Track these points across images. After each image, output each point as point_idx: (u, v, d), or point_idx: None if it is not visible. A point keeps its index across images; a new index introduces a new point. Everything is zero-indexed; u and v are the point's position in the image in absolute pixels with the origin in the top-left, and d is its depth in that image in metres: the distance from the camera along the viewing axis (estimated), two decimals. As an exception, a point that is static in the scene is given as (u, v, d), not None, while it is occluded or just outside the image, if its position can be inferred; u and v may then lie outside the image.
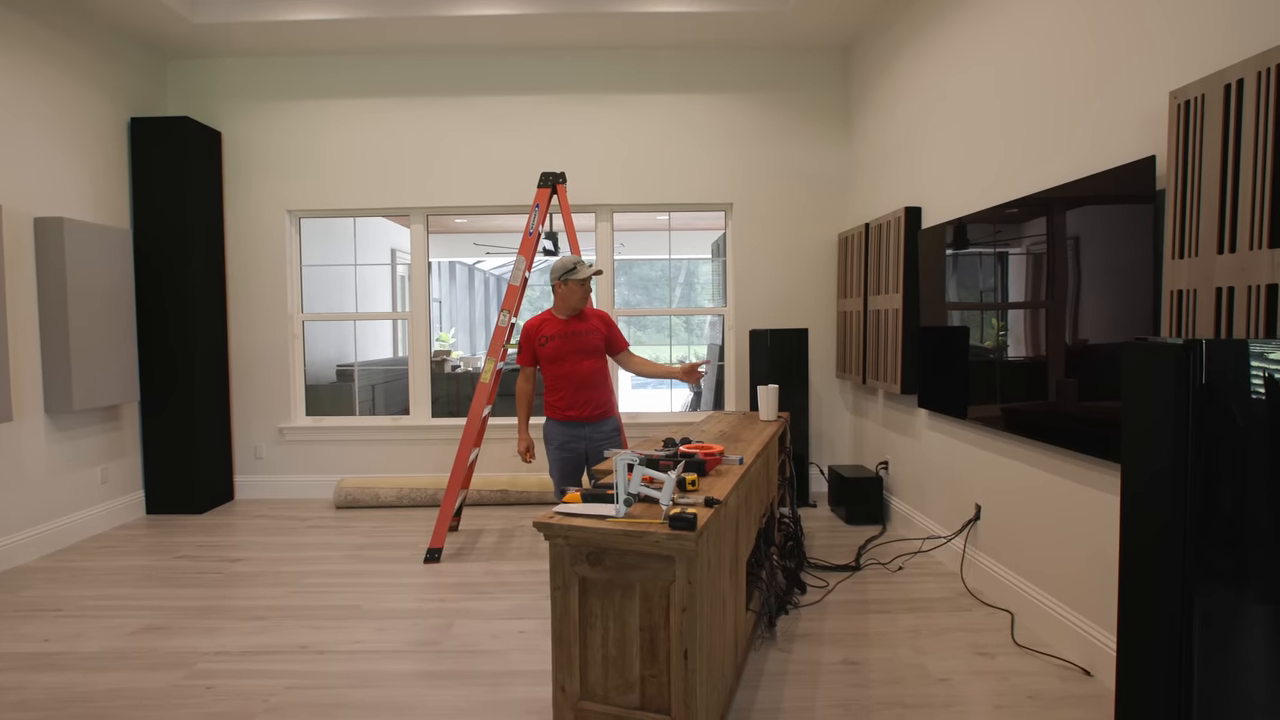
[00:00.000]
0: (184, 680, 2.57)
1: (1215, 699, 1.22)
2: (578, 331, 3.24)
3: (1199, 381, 1.28)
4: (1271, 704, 1.18)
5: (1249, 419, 1.28)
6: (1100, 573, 2.53)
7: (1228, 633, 1.22)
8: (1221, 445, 1.29)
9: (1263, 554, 1.22)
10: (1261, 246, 1.80)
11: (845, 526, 4.42)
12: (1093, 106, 2.57)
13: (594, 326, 3.28)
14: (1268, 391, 1.28)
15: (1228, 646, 1.22)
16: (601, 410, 3.27)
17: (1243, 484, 1.27)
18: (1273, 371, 1.27)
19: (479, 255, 11.50)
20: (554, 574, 1.99)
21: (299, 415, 5.33)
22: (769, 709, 2.34)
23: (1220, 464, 1.28)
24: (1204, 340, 1.25)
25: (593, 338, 3.26)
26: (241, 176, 5.18)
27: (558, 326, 3.25)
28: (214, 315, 5.01)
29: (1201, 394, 1.28)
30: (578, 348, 3.22)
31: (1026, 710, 2.32)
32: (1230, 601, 1.24)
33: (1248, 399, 1.29)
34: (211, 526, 4.54)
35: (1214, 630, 1.23)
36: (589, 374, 3.23)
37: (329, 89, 5.16)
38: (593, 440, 3.24)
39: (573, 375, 3.21)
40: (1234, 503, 1.28)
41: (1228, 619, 1.23)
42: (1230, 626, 1.22)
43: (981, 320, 3.26)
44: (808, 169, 5.21)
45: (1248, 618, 1.22)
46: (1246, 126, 1.85)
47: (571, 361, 3.21)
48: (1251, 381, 1.29)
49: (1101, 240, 2.46)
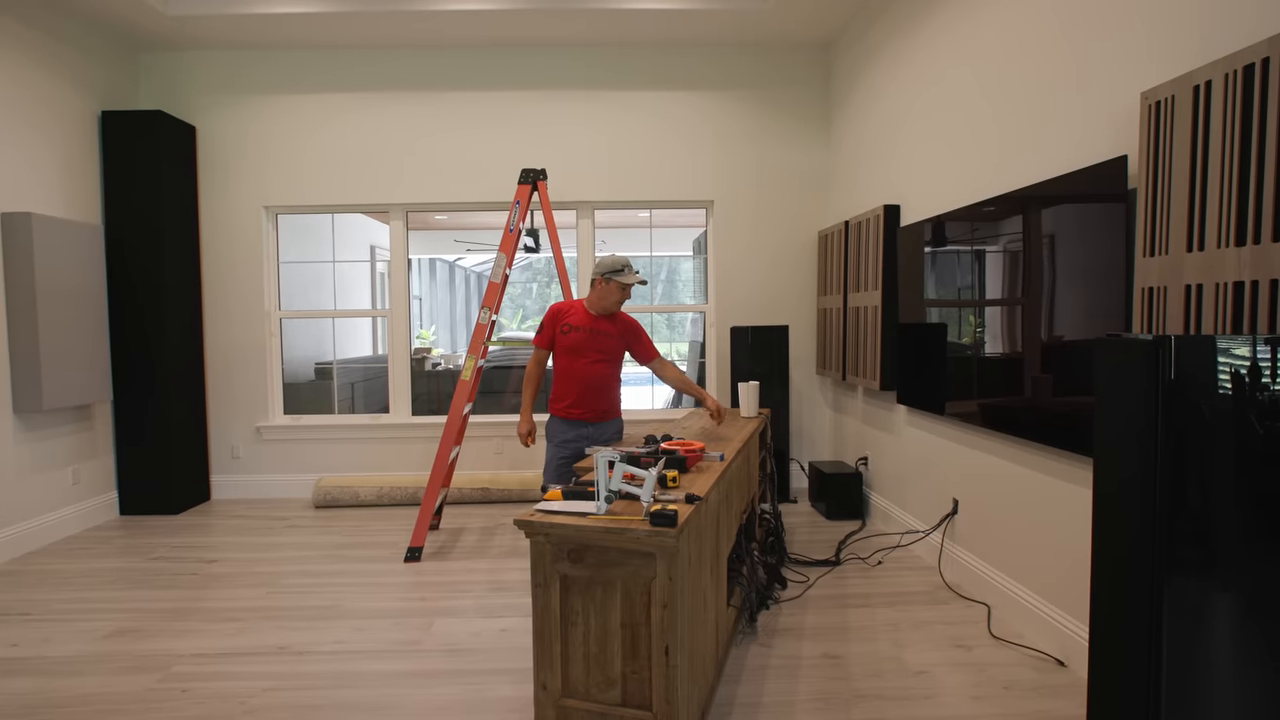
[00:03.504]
0: (158, 684, 2.53)
1: (1183, 686, 1.25)
2: (603, 331, 3.17)
3: (1168, 377, 1.31)
4: (1236, 690, 1.21)
5: (1216, 414, 1.31)
6: (1074, 566, 2.58)
7: (1195, 622, 1.25)
8: (1190, 439, 1.31)
9: (1228, 545, 1.25)
10: (1229, 245, 1.84)
11: (825, 522, 4.45)
12: (1067, 106, 2.60)
13: (619, 332, 3.21)
14: (1234, 387, 1.31)
15: (1195, 635, 1.25)
16: (606, 412, 3.23)
17: (1210, 477, 1.30)
18: (1238, 367, 1.30)
19: (459, 252, 11.42)
20: (535, 571, 1.99)
21: (277, 414, 5.26)
22: (750, 703, 2.36)
23: (1188, 458, 1.31)
24: (1173, 337, 1.28)
25: (614, 342, 3.19)
26: (217, 172, 5.10)
27: (585, 320, 3.17)
28: (189, 313, 4.93)
29: (1171, 389, 1.31)
30: (597, 347, 3.15)
31: (1002, 700, 2.36)
32: (1197, 591, 1.27)
33: (1215, 394, 1.31)
34: (187, 527, 4.47)
35: (1182, 619, 1.26)
36: (599, 377, 3.17)
37: (306, 83, 5.09)
38: (595, 440, 3.18)
39: (584, 375, 3.14)
40: (1201, 496, 1.31)
41: (1195, 608, 1.26)
42: (1197, 616, 1.25)
43: (959, 317, 3.30)
44: (788, 166, 5.24)
45: (1214, 607, 1.24)
46: (1215, 127, 1.89)
47: (587, 360, 3.15)
48: (1218, 377, 1.32)
49: (1075, 238, 2.50)
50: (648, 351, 3.30)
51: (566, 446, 3.18)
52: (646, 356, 3.29)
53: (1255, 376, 1.29)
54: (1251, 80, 1.78)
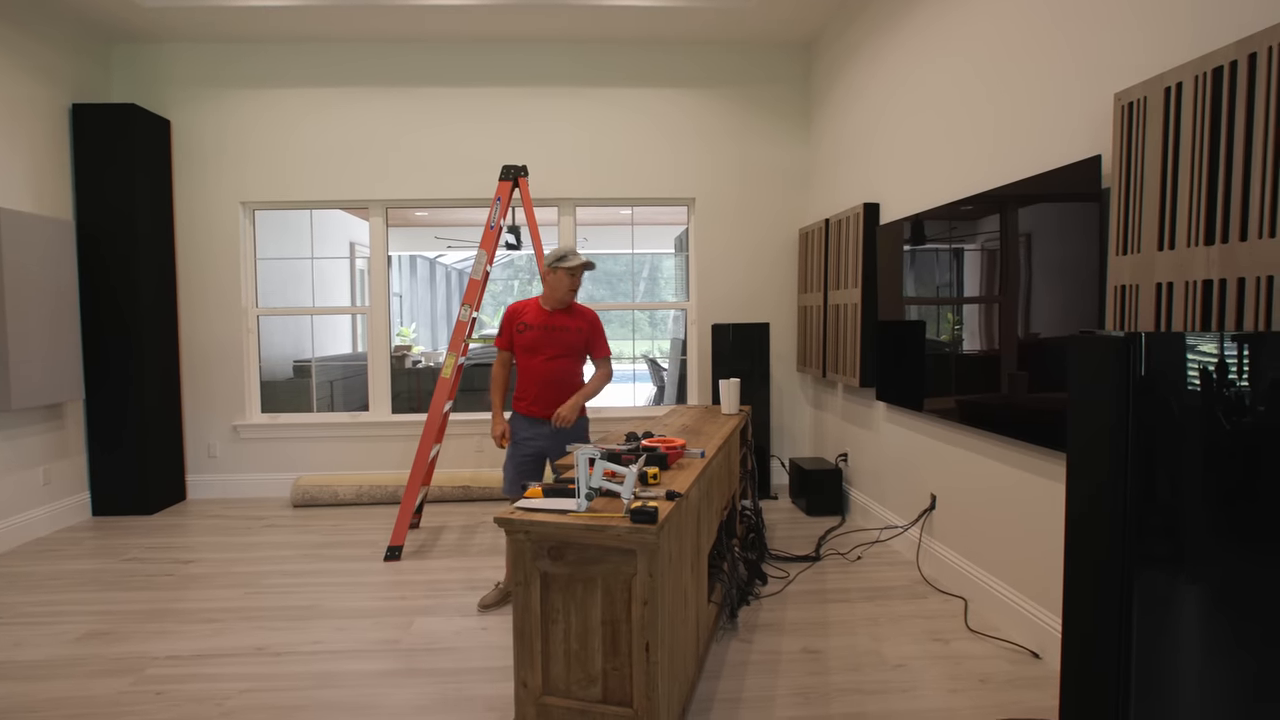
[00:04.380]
0: (132, 687, 2.49)
1: (1152, 676, 1.28)
2: (558, 327, 3.12)
3: (1139, 374, 1.33)
4: (1203, 679, 1.24)
5: (1185, 410, 1.33)
6: (1048, 559, 2.62)
7: (1164, 613, 1.27)
8: (1159, 435, 1.34)
9: (1196, 538, 1.28)
10: (1198, 244, 1.88)
11: (805, 518, 4.48)
12: (1043, 106, 2.64)
13: (577, 325, 3.14)
14: (1202, 384, 1.34)
15: (1164, 626, 1.27)
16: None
17: (1179, 472, 1.33)
18: (1206, 364, 1.32)
19: (440, 249, 11.35)
20: (515, 569, 1.98)
21: (254, 412, 5.20)
22: (730, 699, 2.37)
23: (1158, 453, 1.34)
24: (1143, 334, 1.30)
25: (571, 336, 3.13)
26: (193, 167, 5.02)
27: (539, 317, 3.13)
28: (164, 310, 4.85)
29: (1141, 386, 1.33)
30: (554, 343, 3.10)
31: (978, 693, 2.39)
32: (1167, 583, 1.29)
33: (1184, 391, 1.34)
34: (162, 528, 4.40)
35: (1151, 611, 1.29)
36: (559, 373, 3.11)
37: (284, 78, 5.02)
38: (556, 439, 3.12)
39: (542, 371, 3.10)
40: (1171, 490, 1.33)
41: (1164, 600, 1.28)
42: (1166, 607, 1.27)
43: (938, 315, 3.33)
44: (770, 164, 5.26)
45: (1183, 599, 1.27)
46: (1185, 128, 1.92)
47: (544, 356, 3.10)
48: (1188, 374, 1.34)
49: (1051, 237, 2.53)
50: (598, 350, 3.23)
51: (525, 445, 3.14)
52: (595, 354, 3.22)
53: (1222, 373, 1.32)
54: (1220, 83, 1.81)
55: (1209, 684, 1.23)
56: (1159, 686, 1.27)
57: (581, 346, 3.17)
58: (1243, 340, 1.28)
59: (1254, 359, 1.27)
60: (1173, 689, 1.26)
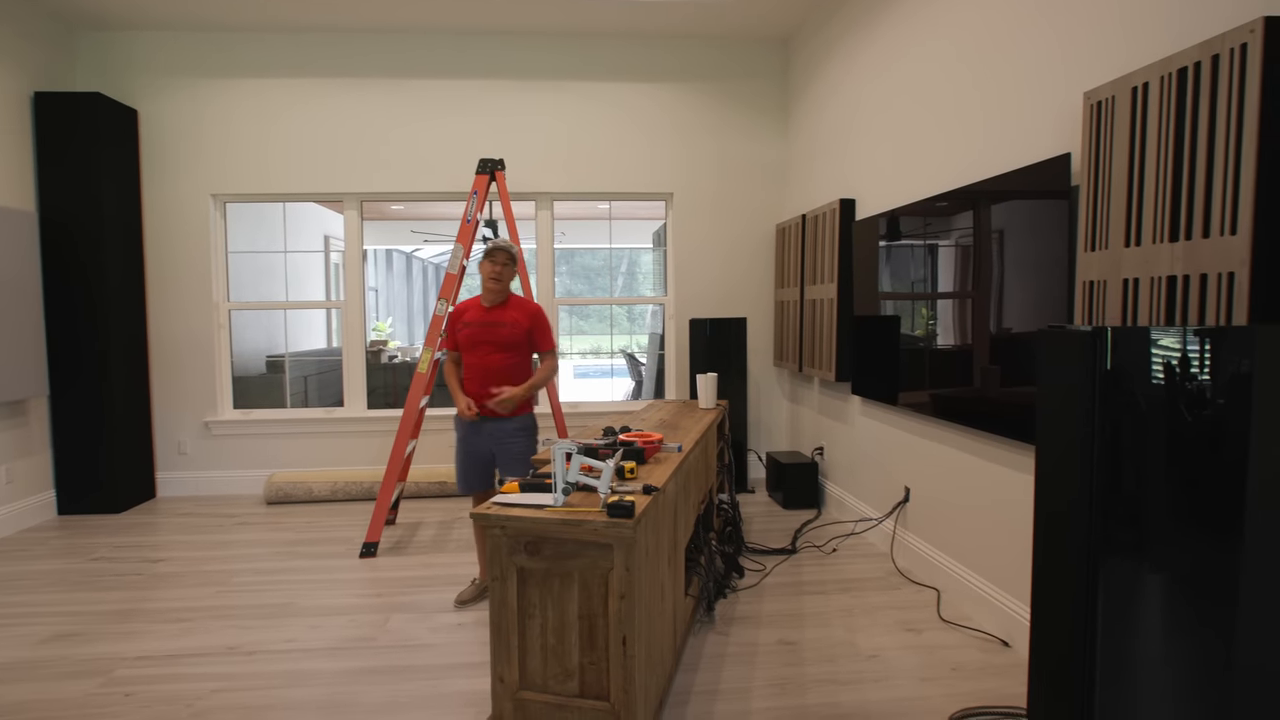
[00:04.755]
0: (100, 689, 2.45)
1: (1117, 661, 1.31)
2: (494, 322, 3.07)
3: (1105, 367, 1.36)
4: (1165, 663, 1.27)
5: (1149, 402, 1.36)
6: (1019, 549, 2.67)
7: (1128, 600, 1.30)
8: (1125, 427, 1.37)
9: (1160, 527, 1.31)
10: (1163, 240, 1.92)
11: (782, 511, 4.52)
12: (1016, 104, 2.67)
13: (514, 319, 3.07)
14: (1165, 377, 1.36)
15: (1127, 612, 1.30)
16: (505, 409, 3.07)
17: (1143, 463, 1.36)
18: (1170, 358, 1.35)
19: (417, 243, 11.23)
20: (491, 564, 1.97)
21: (226, 408, 5.11)
22: (707, 690, 2.39)
23: (1124, 444, 1.36)
24: (1110, 328, 1.32)
25: (508, 331, 3.06)
26: (161, 158, 4.92)
27: (477, 314, 3.10)
28: (132, 304, 4.75)
29: (1108, 379, 1.36)
30: (490, 339, 3.05)
31: (950, 681, 2.43)
32: (1131, 570, 1.32)
33: (1149, 383, 1.36)
34: (131, 526, 4.32)
35: (1116, 598, 1.32)
36: (493, 369, 3.05)
37: (257, 68, 4.93)
38: (496, 438, 3.07)
39: (478, 369, 3.06)
40: (1135, 481, 1.36)
41: (1129, 587, 1.31)
42: (1130, 594, 1.30)
43: (912, 310, 3.37)
44: (748, 159, 5.27)
45: (1145, 586, 1.30)
46: (1151, 127, 1.96)
47: (482, 353, 3.05)
48: (1152, 367, 1.37)
49: (1022, 233, 2.57)
50: (540, 343, 3.15)
51: (467, 443, 3.12)
52: (537, 347, 3.15)
53: (1185, 367, 1.35)
54: (1185, 84, 1.85)
55: (1170, 667, 1.26)
56: (1123, 671, 1.30)
57: (520, 341, 3.08)
58: (1204, 335, 1.31)
59: (1215, 353, 1.30)
60: (1136, 673, 1.29)
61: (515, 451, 3.07)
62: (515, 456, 3.07)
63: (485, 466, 3.14)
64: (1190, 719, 1.25)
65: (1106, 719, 1.31)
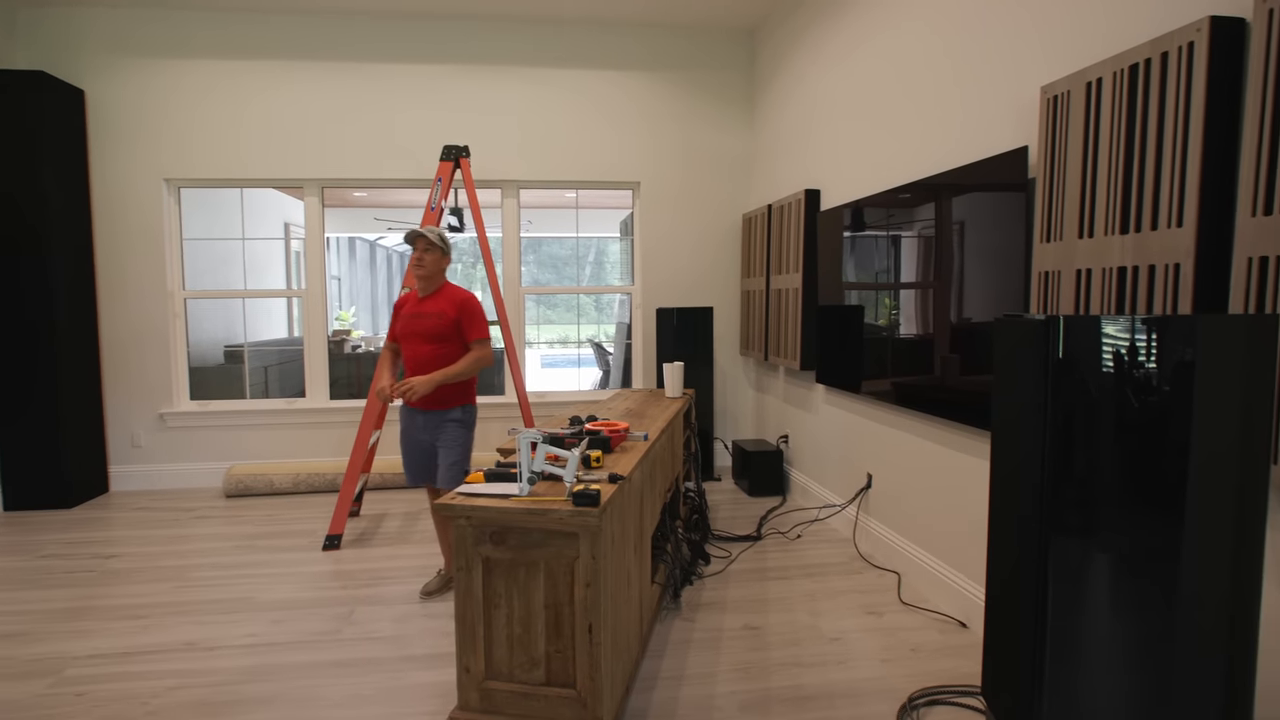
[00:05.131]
0: (50, 689, 2.38)
1: (1065, 636, 1.35)
2: (423, 313, 2.99)
3: (1057, 355, 1.39)
4: (1110, 639, 1.32)
5: (1099, 389, 1.40)
6: (976, 533, 2.74)
7: (1077, 579, 1.35)
8: (1075, 413, 1.41)
9: (1107, 509, 1.35)
10: (1114, 232, 1.98)
11: (748, 498, 4.57)
12: (977, 97, 2.72)
13: (441, 310, 2.98)
14: (1114, 364, 1.41)
15: (1076, 591, 1.35)
16: (439, 400, 2.99)
17: (1092, 448, 1.40)
18: (1119, 346, 1.40)
19: (380, 231, 11.04)
20: (457, 555, 1.96)
21: (182, 399, 4.98)
22: (673, 676, 2.41)
23: (1074, 430, 1.41)
24: (1062, 317, 1.36)
25: (434, 322, 2.96)
26: (111, 141, 4.74)
27: (412, 306, 3.04)
28: (81, 292, 4.59)
29: (1059, 367, 1.40)
30: (417, 330, 2.98)
31: (909, 661, 2.49)
32: (1080, 550, 1.36)
33: (1099, 371, 1.41)
34: (83, 522, 4.19)
35: (1066, 576, 1.36)
36: (428, 360, 2.96)
37: (211, 48, 4.78)
38: (430, 430, 3.02)
39: (409, 360, 3.01)
40: (1085, 465, 1.40)
41: (1077, 566, 1.36)
42: (1079, 573, 1.35)
43: (876, 299, 3.42)
44: (714, 149, 5.28)
45: (1093, 565, 1.34)
46: (1104, 122, 2.01)
47: (413, 344, 2.99)
48: (1102, 355, 1.41)
49: (982, 225, 2.62)
50: (470, 332, 3.00)
51: (407, 435, 3.09)
52: (467, 337, 3.00)
53: (1133, 355, 1.40)
54: (1136, 79, 1.90)
55: (1116, 641, 1.31)
56: (1072, 647, 1.35)
57: (447, 332, 2.97)
58: (1150, 324, 1.36)
59: (1160, 342, 1.34)
60: (1084, 648, 1.34)
61: (447, 441, 2.98)
62: (447, 446, 2.98)
63: (428, 458, 3.07)
64: (1134, 689, 1.30)
65: (1056, 692, 1.35)
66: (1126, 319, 1.39)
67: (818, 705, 2.24)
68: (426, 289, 3.03)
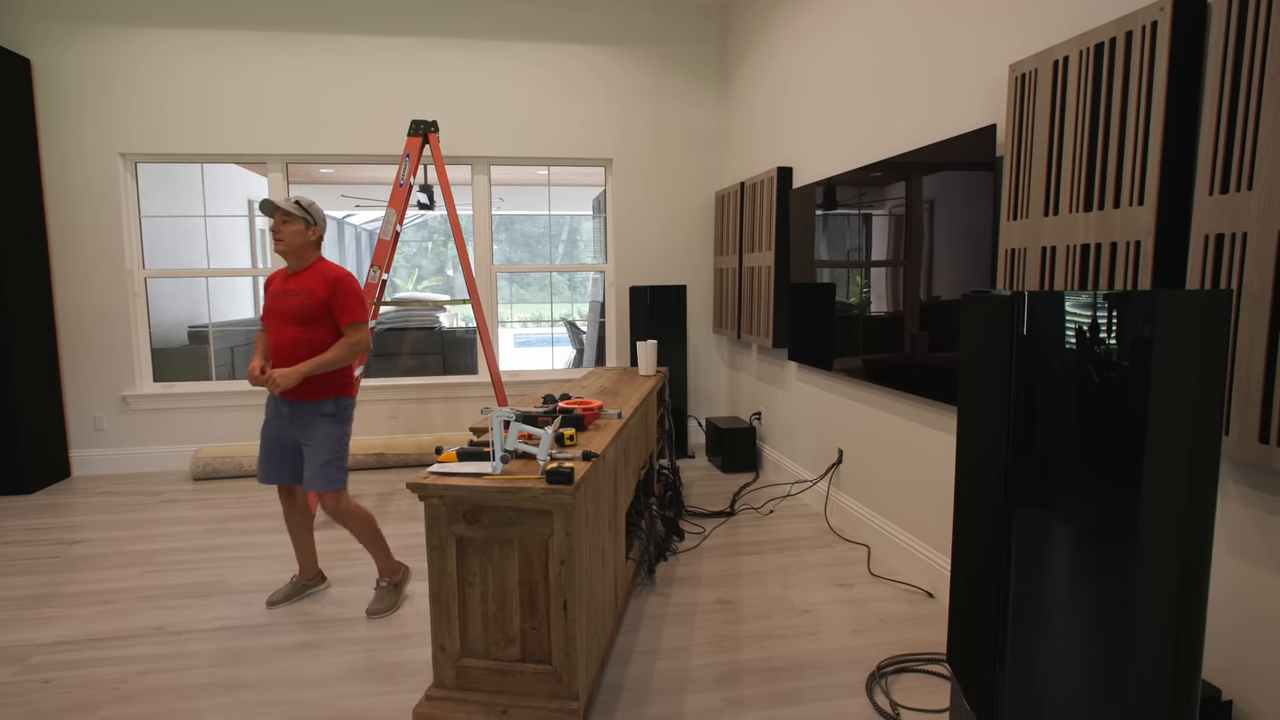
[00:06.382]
0: (15, 677, 2.34)
1: (1027, 604, 1.40)
2: (288, 291, 2.65)
3: (1021, 331, 1.42)
4: (1070, 605, 1.36)
5: (1062, 365, 1.44)
6: (943, 506, 2.80)
7: (1039, 549, 1.39)
8: (1039, 388, 1.44)
9: (1068, 482, 1.39)
10: (1079, 210, 2.01)
11: (721, 475, 4.62)
12: (947, 75, 2.73)
13: (309, 288, 2.63)
14: (1077, 340, 1.44)
15: (1038, 560, 1.39)
16: (305, 390, 2.63)
17: (1054, 422, 1.43)
18: (1081, 322, 1.43)
19: (348, 208, 10.82)
20: (430, 534, 1.96)
21: (145, 381, 4.87)
22: (648, 650, 2.44)
23: (1037, 405, 1.44)
24: (1027, 293, 1.38)
25: (299, 301, 2.62)
26: (61, 113, 4.56)
27: (278, 282, 2.70)
28: (34, 272, 4.44)
29: (1023, 343, 1.43)
30: (281, 309, 2.64)
31: (878, 631, 2.55)
32: (1041, 522, 1.40)
33: (1062, 347, 1.44)
34: (43, 507, 4.10)
35: (1027, 547, 1.40)
36: (292, 344, 2.61)
37: (169, 17, 4.60)
38: (297, 425, 2.65)
39: (274, 343, 2.65)
40: (1048, 438, 1.44)
41: (1039, 537, 1.40)
42: (1040, 543, 1.39)
43: (847, 277, 3.45)
44: (687, 126, 5.25)
45: (1054, 535, 1.38)
46: (1070, 100, 2.04)
47: (275, 324, 2.64)
48: (1065, 331, 1.44)
49: (951, 203, 2.65)
50: (341, 314, 2.65)
51: (268, 427, 2.72)
52: (339, 320, 2.66)
53: (1095, 330, 1.43)
54: (1102, 58, 1.93)
55: (1076, 608, 1.36)
56: (1033, 614, 1.40)
57: (315, 313, 2.62)
58: (1112, 300, 1.39)
59: (1121, 318, 1.38)
60: (1045, 615, 1.38)
61: (316, 439, 2.64)
62: (316, 444, 2.64)
63: (289, 455, 2.72)
64: (1092, 654, 1.35)
65: (1017, 656, 1.40)
66: (1089, 294, 1.42)
67: (789, 676, 2.29)
68: (294, 265, 2.68)
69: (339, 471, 2.67)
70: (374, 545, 2.78)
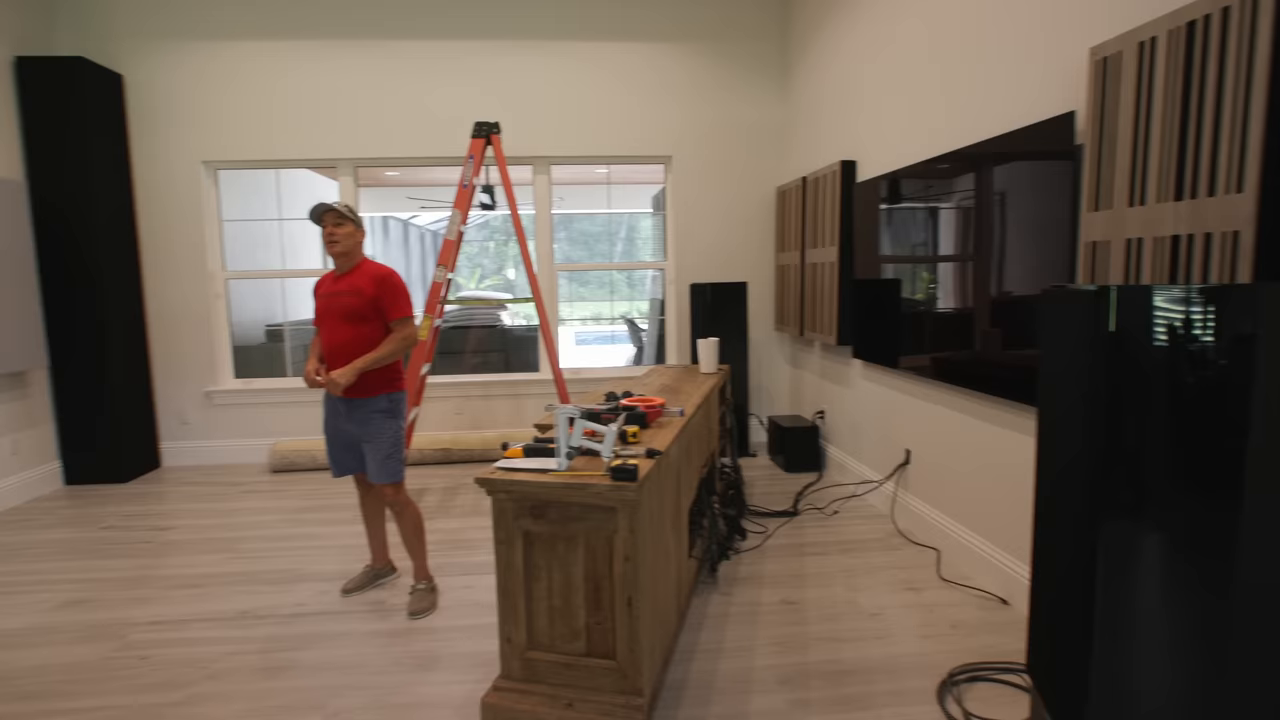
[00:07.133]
0: (115, 653, 2.50)
1: (1113, 617, 1.33)
2: (339, 291, 2.72)
3: (1108, 327, 1.35)
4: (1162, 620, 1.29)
5: (1152, 363, 1.36)
6: (1017, 510, 2.70)
7: (1126, 559, 1.32)
8: (1127, 388, 1.37)
9: (1159, 488, 1.32)
10: (1167, 199, 1.90)
11: (784, 474, 4.56)
12: (1020, 61, 2.63)
13: (358, 287, 2.70)
14: (1168, 337, 1.36)
15: (1126, 571, 1.32)
16: (359, 388, 2.71)
17: (1144, 424, 1.36)
18: (1173, 318, 1.35)
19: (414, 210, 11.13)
20: (497, 529, 2.00)
21: (227, 378, 5.12)
22: (711, 649, 2.44)
23: (1125, 405, 1.37)
24: (1114, 287, 1.32)
25: (349, 300, 2.69)
26: (150, 124, 4.84)
27: (328, 285, 2.78)
28: (127, 274, 4.72)
29: (1111, 340, 1.36)
30: (333, 310, 2.72)
31: (949, 638, 2.48)
32: (1130, 531, 1.34)
33: (1151, 344, 1.37)
34: (137, 495, 4.36)
35: (1115, 557, 1.34)
36: (346, 343, 2.69)
37: (244, 29, 4.82)
38: (355, 422, 2.74)
39: (325, 346, 2.73)
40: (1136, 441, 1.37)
41: (1127, 547, 1.33)
42: (1129, 553, 1.32)
43: (913, 273, 3.36)
44: (746, 122, 5.19)
45: (1144, 545, 1.32)
46: (1158, 84, 1.93)
47: (328, 326, 2.72)
48: (1155, 327, 1.37)
49: (1025, 194, 2.54)
50: (391, 311, 2.73)
51: (329, 425, 2.82)
52: (389, 316, 2.74)
53: (1188, 327, 1.35)
54: (1194, 37, 1.82)
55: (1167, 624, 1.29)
56: (1120, 628, 1.33)
57: (365, 311, 2.70)
58: (1208, 294, 1.31)
59: (1218, 313, 1.30)
60: (1133, 629, 1.32)
61: (374, 434, 2.73)
62: (374, 440, 2.73)
63: (353, 449, 2.83)
64: (1185, 674, 1.28)
65: (1102, 673, 1.34)
66: (1182, 289, 1.35)
67: (856, 679, 2.25)
68: (343, 266, 2.77)
69: (399, 464, 2.79)
70: (418, 544, 2.87)
